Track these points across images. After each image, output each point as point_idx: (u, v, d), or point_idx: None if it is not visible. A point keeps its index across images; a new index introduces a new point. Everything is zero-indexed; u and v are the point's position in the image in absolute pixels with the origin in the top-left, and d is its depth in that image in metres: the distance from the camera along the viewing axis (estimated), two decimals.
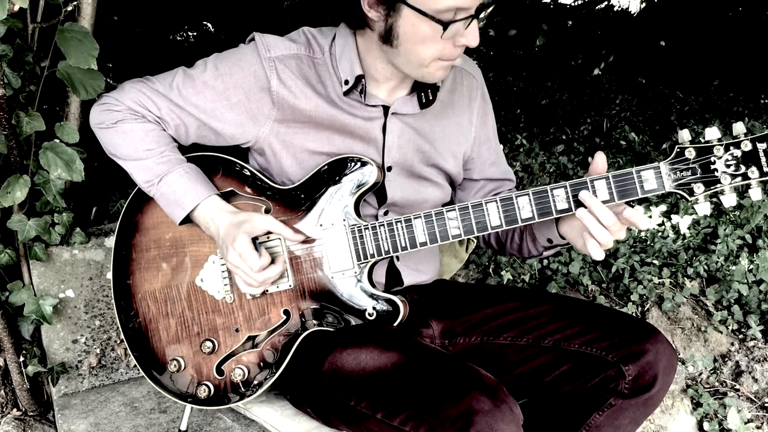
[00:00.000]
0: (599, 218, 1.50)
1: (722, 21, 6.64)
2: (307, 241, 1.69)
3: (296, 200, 1.70)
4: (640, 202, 3.69)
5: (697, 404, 2.66)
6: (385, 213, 1.78)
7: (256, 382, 1.69)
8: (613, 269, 3.15)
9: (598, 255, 1.53)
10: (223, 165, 1.77)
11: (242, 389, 1.70)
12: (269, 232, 1.67)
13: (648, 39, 6.64)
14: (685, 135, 1.51)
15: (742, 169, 1.46)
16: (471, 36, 1.53)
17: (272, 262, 1.65)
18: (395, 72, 1.68)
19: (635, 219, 1.50)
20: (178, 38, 6.00)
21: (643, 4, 7.29)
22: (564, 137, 4.62)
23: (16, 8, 1.52)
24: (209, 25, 6.11)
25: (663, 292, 3.06)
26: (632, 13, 7.47)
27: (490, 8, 1.54)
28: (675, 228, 3.45)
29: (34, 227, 2.01)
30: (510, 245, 1.87)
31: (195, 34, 6.06)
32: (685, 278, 3.18)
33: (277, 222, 1.65)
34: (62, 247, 2.14)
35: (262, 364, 1.70)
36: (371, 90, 1.71)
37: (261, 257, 1.61)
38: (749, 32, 6.46)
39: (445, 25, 1.49)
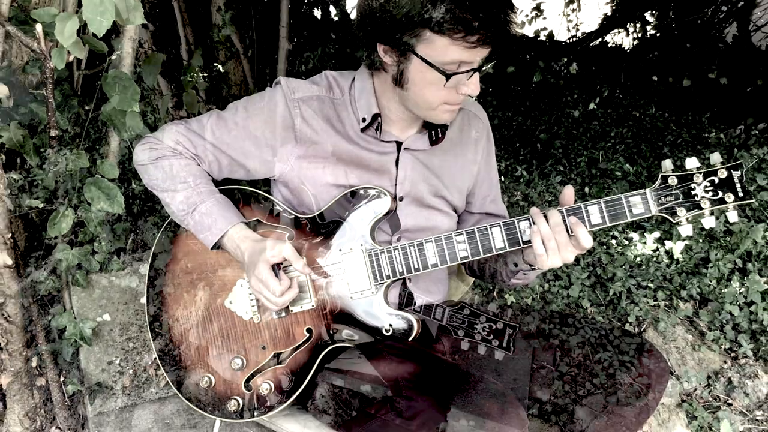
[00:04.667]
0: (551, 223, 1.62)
1: (714, 54, 6.73)
2: (316, 267, 1.80)
3: (317, 228, 1.83)
4: (636, 227, 3.78)
5: (692, 418, 2.72)
6: (398, 239, 1.89)
7: (281, 396, 1.79)
8: (611, 292, 3.21)
9: (542, 255, 1.63)
10: (249, 197, 1.90)
11: (268, 403, 1.79)
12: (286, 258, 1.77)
13: (641, 73, 6.71)
14: (667, 164, 1.64)
15: (720, 194, 1.59)
16: (473, 86, 1.67)
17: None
18: (406, 112, 1.81)
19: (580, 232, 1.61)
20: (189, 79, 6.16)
21: (635, 41, 7.41)
22: (561, 168, 4.70)
23: (71, 58, 1.67)
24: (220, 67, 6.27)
25: (658, 313, 3.12)
26: (625, 49, 7.55)
27: (493, 62, 1.66)
28: (669, 253, 3.52)
29: (77, 256, 2.12)
30: (489, 270, 1.97)
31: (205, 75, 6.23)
32: (679, 300, 3.23)
33: (291, 251, 1.74)
34: (101, 274, 2.25)
35: (287, 378, 1.79)
36: (386, 127, 1.85)
37: (281, 282, 1.73)
38: (741, 64, 6.56)
39: (448, 76, 1.62)
